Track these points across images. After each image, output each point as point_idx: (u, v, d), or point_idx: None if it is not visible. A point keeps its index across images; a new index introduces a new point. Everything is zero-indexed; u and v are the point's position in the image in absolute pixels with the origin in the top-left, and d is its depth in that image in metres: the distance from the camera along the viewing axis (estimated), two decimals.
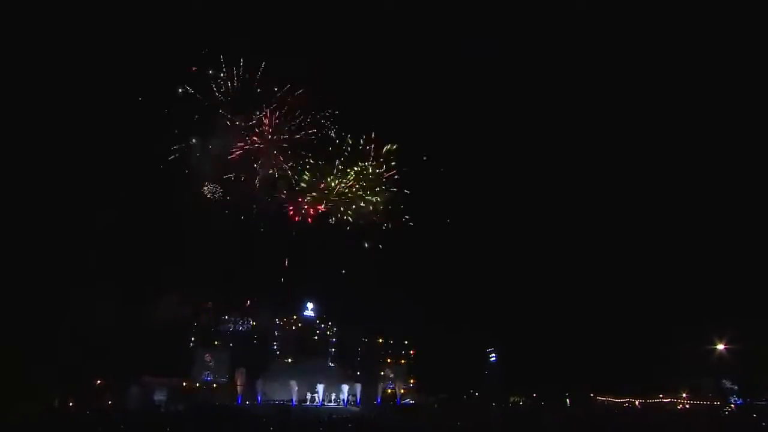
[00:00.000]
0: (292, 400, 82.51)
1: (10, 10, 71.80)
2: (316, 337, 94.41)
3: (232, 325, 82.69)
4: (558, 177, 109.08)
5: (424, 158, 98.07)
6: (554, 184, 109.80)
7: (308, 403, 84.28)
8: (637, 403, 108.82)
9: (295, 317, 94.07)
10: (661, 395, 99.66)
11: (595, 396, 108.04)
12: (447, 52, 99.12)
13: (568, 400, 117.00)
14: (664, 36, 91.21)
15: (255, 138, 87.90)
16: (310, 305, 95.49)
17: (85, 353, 74.14)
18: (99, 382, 79.19)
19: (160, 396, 72.77)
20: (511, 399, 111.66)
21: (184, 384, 74.99)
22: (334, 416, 64.51)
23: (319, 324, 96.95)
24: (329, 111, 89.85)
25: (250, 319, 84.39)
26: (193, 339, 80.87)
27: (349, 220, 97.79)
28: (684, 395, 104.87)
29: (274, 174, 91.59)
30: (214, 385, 77.66)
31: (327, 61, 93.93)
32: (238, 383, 76.85)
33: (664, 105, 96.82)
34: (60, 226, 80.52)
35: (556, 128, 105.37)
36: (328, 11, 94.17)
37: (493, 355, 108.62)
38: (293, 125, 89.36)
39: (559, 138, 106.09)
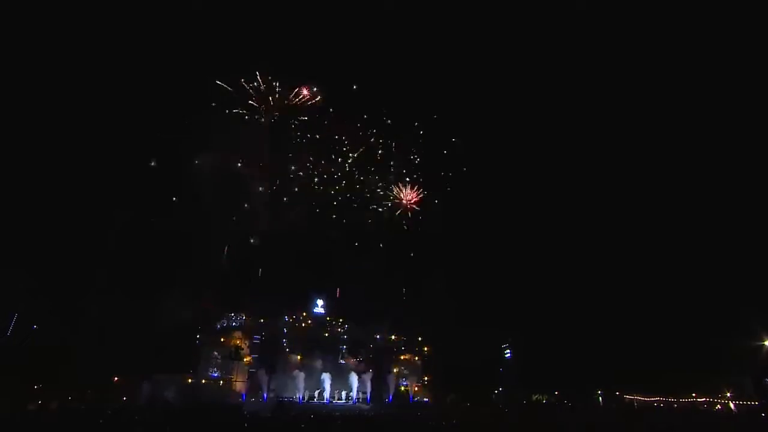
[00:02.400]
0: (299, 397, 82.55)
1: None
2: (326, 334, 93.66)
3: (225, 321, 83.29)
4: (590, 165, 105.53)
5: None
6: (587, 170, 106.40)
7: (316, 400, 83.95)
8: (673, 402, 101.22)
9: (305, 314, 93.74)
10: (694, 394, 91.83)
11: (621, 394, 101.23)
12: (448, 53, 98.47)
13: (600, 398, 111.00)
14: (664, 36, 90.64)
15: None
16: (320, 302, 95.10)
17: (101, 353, 77.15)
18: (116, 379, 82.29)
19: (169, 393, 74.12)
20: (534, 397, 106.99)
21: (190, 381, 76.22)
22: (337, 413, 63.69)
23: (330, 321, 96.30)
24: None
25: (242, 315, 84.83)
26: (198, 337, 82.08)
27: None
28: (729, 394, 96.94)
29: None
30: (221, 382, 78.52)
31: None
32: (239, 380, 77.47)
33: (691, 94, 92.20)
34: (78, 233, 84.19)
35: (580, 119, 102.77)
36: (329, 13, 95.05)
37: (508, 351, 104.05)
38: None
39: (581, 129, 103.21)
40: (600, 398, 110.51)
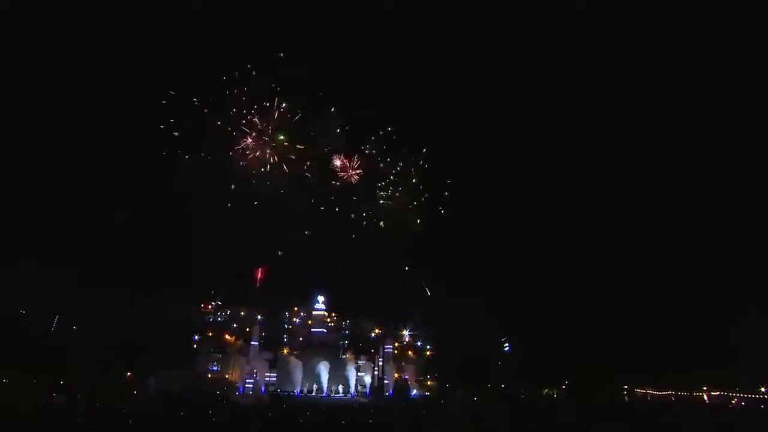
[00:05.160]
0: (297, 391, 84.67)
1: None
2: (326, 330, 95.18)
3: (211, 317, 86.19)
4: (605, 150, 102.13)
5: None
6: (602, 157, 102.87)
7: (314, 393, 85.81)
8: (705, 397, 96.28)
9: (297, 309, 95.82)
10: (705, 388, 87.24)
11: (632, 388, 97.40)
12: (447, 52, 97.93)
13: (626, 395, 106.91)
14: (664, 36, 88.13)
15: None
16: (320, 299, 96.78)
17: (111, 351, 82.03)
18: (129, 374, 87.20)
19: (174, 387, 77.74)
20: (544, 391, 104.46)
21: (191, 375, 79.75)
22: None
23: (331, 317, 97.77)
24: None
25: (227, 311, 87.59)
26: (198, 333, 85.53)
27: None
28: (763, 389, 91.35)
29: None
30: (222, 376, 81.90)
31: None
32: (237, 374, 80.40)
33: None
34: (87, 232, 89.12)
35: (580, 114, 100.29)
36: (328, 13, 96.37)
37: (507, 345, 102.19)
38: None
39: (587, 123, 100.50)
40: (626, 394, 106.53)
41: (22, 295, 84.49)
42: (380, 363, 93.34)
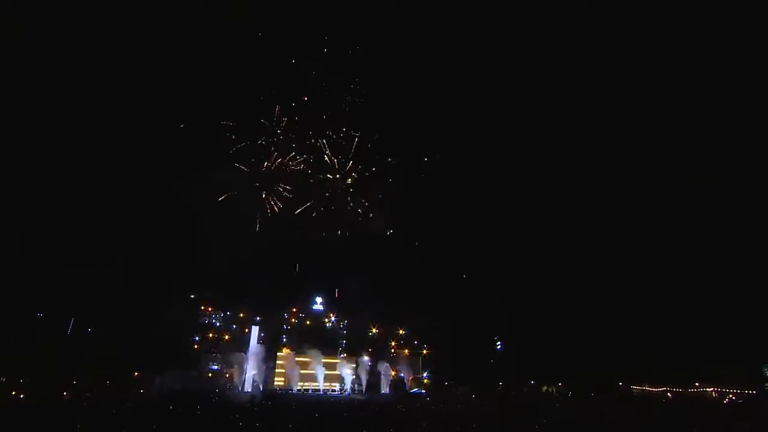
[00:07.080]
0: (295, 389, 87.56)
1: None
2: (325, 330, 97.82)
3: (207, 319, 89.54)
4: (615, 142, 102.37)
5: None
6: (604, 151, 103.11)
7: (311, 391, 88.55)
8: (712, 392, 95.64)
9: (296, 310, 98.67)
10: (697, 383, 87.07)
11: (627, 384, 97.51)
12: (447, 52, 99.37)
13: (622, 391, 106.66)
14: (664, 36, 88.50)
15: None
16: (318, 299, 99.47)
17: (119, 351, 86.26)
18: (136, 374, 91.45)
19: (177, 385, 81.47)
20: (543, 388, 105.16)
21: (193, 374, 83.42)
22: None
23: (329, 316, 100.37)
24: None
25: (221, 313, 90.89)
26: (199, 334, 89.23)
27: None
28: None
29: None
30: (222, 374, 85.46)
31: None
32: (229, 373, 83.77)
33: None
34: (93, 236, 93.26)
35: (588, 111, 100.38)
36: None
37: (499, 344, 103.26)
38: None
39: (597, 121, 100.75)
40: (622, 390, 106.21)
41: (40, 300, 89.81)
42: (377, 361, 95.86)
